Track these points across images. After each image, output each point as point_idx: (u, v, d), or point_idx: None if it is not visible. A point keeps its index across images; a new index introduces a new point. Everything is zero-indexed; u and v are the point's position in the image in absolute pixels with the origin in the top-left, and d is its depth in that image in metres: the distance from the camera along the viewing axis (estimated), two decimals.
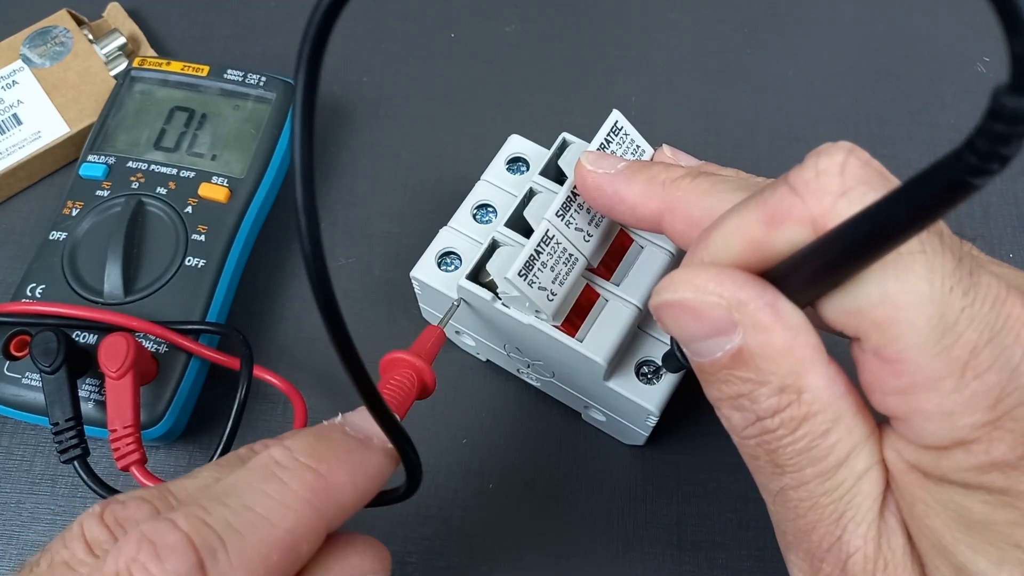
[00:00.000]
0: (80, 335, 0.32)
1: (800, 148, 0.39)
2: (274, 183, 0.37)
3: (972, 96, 0.40)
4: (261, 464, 0.20)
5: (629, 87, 0.41)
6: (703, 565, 0.31)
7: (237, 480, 0.20)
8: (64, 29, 0.39)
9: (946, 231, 0.18)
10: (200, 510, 0.19)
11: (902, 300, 0.17)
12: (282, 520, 0.19)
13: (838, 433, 0.19)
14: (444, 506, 0.32)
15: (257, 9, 0.43)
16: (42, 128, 0.38)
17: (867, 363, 0.18)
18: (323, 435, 0.21)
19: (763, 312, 0.18)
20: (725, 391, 0.19)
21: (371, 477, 0.21)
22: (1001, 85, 0.12)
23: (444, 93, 0.41)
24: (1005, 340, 0.17)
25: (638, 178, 0.24)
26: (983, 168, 0.13)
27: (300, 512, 0.19)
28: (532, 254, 0.26)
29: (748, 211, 0.19)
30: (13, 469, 0.33)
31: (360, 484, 0.21)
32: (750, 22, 0.43)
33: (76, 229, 0.34)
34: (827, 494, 0.19)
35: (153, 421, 0.31)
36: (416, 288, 0.31)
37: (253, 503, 0.19)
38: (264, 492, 0.19)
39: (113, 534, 0.19)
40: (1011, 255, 0.37)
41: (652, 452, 0.33)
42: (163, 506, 0.20)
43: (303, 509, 0.19)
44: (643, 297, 0.28)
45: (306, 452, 0.20)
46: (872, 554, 0.19)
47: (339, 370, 0.35)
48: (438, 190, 0.38)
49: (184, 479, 0.21)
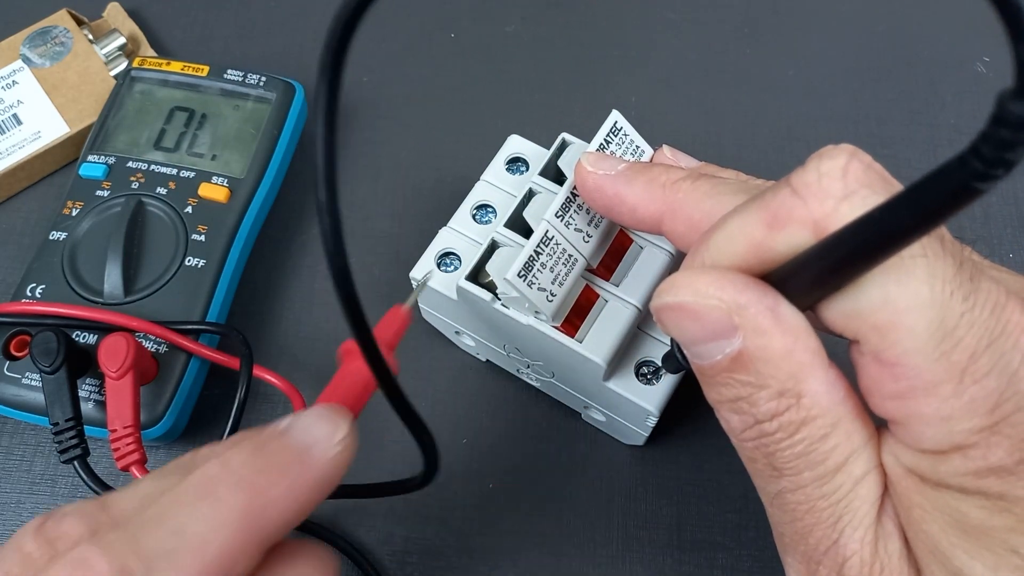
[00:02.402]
0: (80, 335, 0.32)
1: (800, 148, 0.39)
2: (274, 183, 0.37)
3: (972, 96, 0.40)
4: (195, 482, 0.20)
5: (629, 87, 0.41)
6: (703, 565, 0.31)
7: (172, 499, 0.19)
8: (64, 29, 0.39)
9: (947, 235, 0.18)
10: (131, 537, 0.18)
11: (903, 304, 0.17)
12: (214, 543, 0.19)
13: (836, 437, 0.19)
14: (444, 506, 0.32)
15: (257, 9, 0.43)
16: (42, 128, 0.38)
17: (866, 366, 0.18)
18: (262, 447, 0.20)
19: (763, 316, 0.18)
20: (724, 394, 0.19)
21: (311, 489, 0.20)
22: (1006, 90, 0.12)
23: (444, 93, 0.41)
24: (1004, 346, 0.17)
25: (638, 180, 0.24)
26: (988, 173, 0.13)
27: (234, 532, 0.19)
28: (531, 255, 0.26)
29: (749, 213, 0.19)
30: (13, 469, 0.33)
31: (300, 497, 0.20)
32: (750, 22, 0.43)
33: (76, 229, 0.34)
34: (825, 498, 0.19)
35: (153, 421, 0.31)
36: (416, 288, 0.31)
37: (185, 526, 0.19)
38: (197, 512, 0.19)
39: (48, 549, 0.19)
40: (1011, 255, 0.37)
41: (652, 452, 0.33)
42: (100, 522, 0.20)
43: (237, 529, 0.19)
44: (643, 298, 0.28)
45: (243, 467, 0.20)
46: (869, 558, 0.19)
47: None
48: (438, 190, 0.38)
49: (125, 490, 0.21)
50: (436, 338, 0.35)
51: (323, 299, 0.36)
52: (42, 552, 0.19)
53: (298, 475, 0.20)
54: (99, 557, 0.18)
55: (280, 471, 0.20)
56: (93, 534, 0.19)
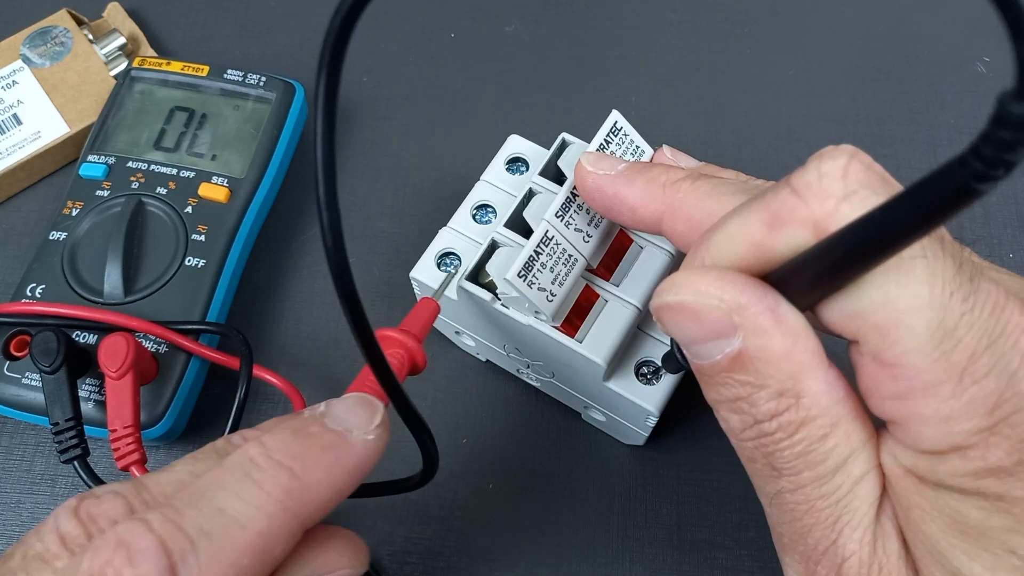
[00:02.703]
0: (80, 335, 0.32)
1: (800, 148, 0.39)
2: (274, 183, 0.37)
3: (972, 96, 0.40)
4: (235, 463, 0.20)
5: (629, 87, 0.41)
6: (703, 565, 0.31)
7: (211, 480, 0.20)
8: (64, 29, 0.39)
9: (947, 236, 0.18)
10: (173, 512, 0.19)
11: (903, 305, 0.17)
12: (254, 523, 0.19)
13: (836, 438, 0.19)
14: (444, 506, 0.32)
15: (257, 9, 0.43)
16: (42, 128, 0.38)
17: (866, 367, 0.18)
18: (300, 431, 0.21)
19: (763, 316, 0.18)
20: (724, 394, 0.19)
21: (348, 473, 0.21)
22: (1006, 91, 0.12)
23: (444, 93, 0.41)
24: (1003, 346, 0.17)
25: (638, 180, 0.24)
26: (988, 174, 0.13)
27: (273, 514, 0.19)
28: (531, 255, 0.26)
29: (750, 213, 0.19)
30: (13, 469, 0.33)
31: (337, 481, 0.20)
32: (750, 22, 0.43)
33: (76, 229, 0.34)
34: (823, 498, 0.19)
35: (153, 421, 0.31)
36: (416, 288, 0.31)
37: (225, 505, 0.19)
38: (236, 494, 0.19)
39: (87, 529, 0.19)
40: (1011, 255, 0.37)
41: (652, 452, 0.33)
42: (137, 503, 0.20)
43: (276, 511, 0.19)
44: (642, 298, 0.28)
45: (282, 450, 0.20)
46: (867, 558, 0.19)
47: (339, 369, 0.35)
48: (438, 190, 0.38)
49: (160, 474, 0.21)
50: (436, 338, 0.35)
51: (323, 299, 0.36)
52: (81, 531, 0.19)
53: (336, 459, 0.20)
54: (141, 534, 0.18)
55: (319, 454, 0.20)
56: (132, 513, 0.19)
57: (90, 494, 0.20)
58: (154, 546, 0.18)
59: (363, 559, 0.22)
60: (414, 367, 0.25)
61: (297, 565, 0.20)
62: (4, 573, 0.19)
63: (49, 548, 0.19)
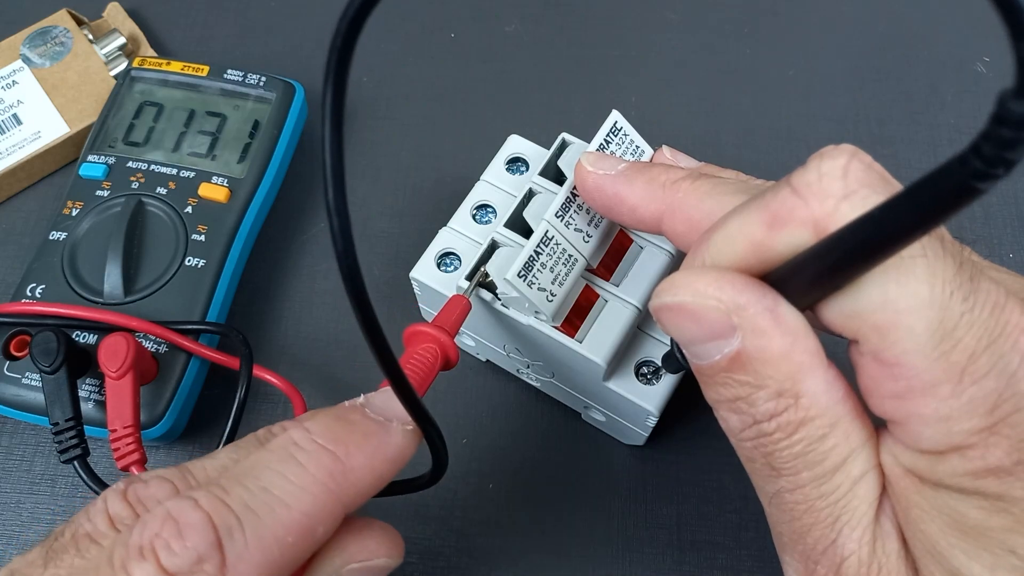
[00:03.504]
0: (80, 335, 0.32)
1: (800, 148, 0.39)
2: (274, 183, 0.37)
3: (972, 96, 0.40)
4: (280, 446, 0.20)
5: (629, 87, 0.41)
6: (703, 565, 0.31)
7: (256, 462, 0.20)
8: (64, 29, 0.39)
9: (947, 236, 0.18)
10: (219, 490, 0.19)
11: (903, 304, 0.17)
12: (299, 503, 0.19)
13: (835, 438, 0.19)
14: (444, 506, 0.32)
15: (257, 9, 0.43)
16: (42, 128, 0.38)
17: (866, 366, 0.18)
18: (343, 417, 0.21)
19: (762, 316, 0.18)
20: (723, 394, 0.19)
21: (390, 460, 0.21)
22: (1006, 90, 0.12)
23: (444, 93, 0.41)
24: (1003, 346, 0.17)
25: (638, 179, 0.24)
26: (988, 173, 0.13)
27: (317, 495, 0.20)
28: (531, 255, 0.26)
29: (749, 213, 0.19)
30: (13, 469, 0.33)
31: (378, 468, 0.21)
32: (750, 22, 0.43)
33: (76, 229, 0.34)
34: (823, 498, 0.19)
35: (153, 421, 0.31)
36: (416, 289, 0.31)
37: (271, 485, 0.19)
38: (282, 474, 0.20)
39: (134, 511, 0.20)
40: (1011, 255, 0.37)
41: (652, 452, 0.33)
42: (183, 486, 0.21)
43: (320, 492, 0.20)
44: (642, 298, 0.28)
45: (325, 434, 0.21)
46: (866, 558, 0.19)
47: (339, 369, 0.35)
48: (438, 190, 0.38)
49: (203, 460, 0.22)
50: None
51: (323, 299, 0.36)
52: (129, 512, 0.20)
53: (378, 446, 0.21)
54: (190, 510, 0.19)
55: (361, 440, 0.21)
56: (178, 493, 0.20)
57: (137, 478, 0.21)
58: (202, 521, 0.18)
59: (399, 551, 0.22)
60: (447, 362, 0.26)
61: (336, 550, 0.21)
62: (55, 549, 0.20)
63: (98, 527, 0.20)
